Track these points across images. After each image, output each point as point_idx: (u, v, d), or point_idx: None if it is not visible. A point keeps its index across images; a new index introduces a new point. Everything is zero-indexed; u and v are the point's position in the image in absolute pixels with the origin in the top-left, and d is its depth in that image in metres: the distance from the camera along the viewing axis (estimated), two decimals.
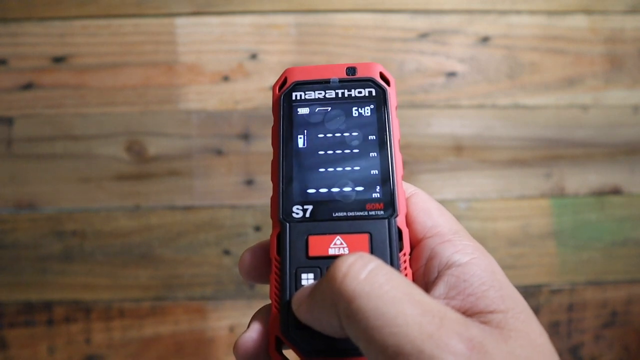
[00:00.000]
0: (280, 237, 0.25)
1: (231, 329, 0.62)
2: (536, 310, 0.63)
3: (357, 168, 0.26)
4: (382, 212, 0.25)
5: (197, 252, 0.63)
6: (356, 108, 0.28)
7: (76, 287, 0.62)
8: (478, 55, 0.67)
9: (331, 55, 0.66)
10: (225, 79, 0.66)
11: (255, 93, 0.66)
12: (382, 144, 0.27)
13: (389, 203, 0.25)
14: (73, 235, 0.63)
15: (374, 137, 0.27)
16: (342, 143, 0.27)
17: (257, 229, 0.63)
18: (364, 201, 0.25)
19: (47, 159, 0.64)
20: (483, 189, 0.65)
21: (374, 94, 0.28)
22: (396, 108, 0.27)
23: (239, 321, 0.62)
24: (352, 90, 0.28)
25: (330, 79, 0.28)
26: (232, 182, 0.64)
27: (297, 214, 0.25)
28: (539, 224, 0.65)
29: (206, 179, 0.64)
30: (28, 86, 0.65)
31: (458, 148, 0.66)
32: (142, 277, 0.62)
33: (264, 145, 0.66)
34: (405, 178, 0.65)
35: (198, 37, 0.66)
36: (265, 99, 0.66)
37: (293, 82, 0.28)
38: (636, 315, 0.64)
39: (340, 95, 0.28)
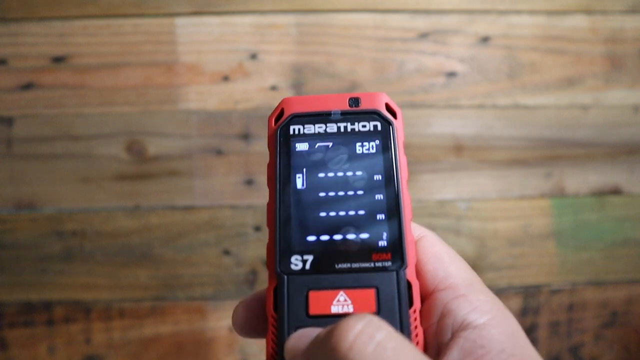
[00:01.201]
0: (277, 291, 0.23)
1: (231, 329, 0.62)
2: (536, 311, 0.63)
3: (361, 212, 0.24)
4: (389, 264, 0.23)
5: (197, 252, 0.63)
6: (360, 144, 0.25)
7: (76, 287, 0.62)
8: (478, 55, 0.67)
9: (331, 55, 0.66)
10: (225, 79, 0.66)
11: (256, 93, 0.66)
12: (388, 185, 0.24)
13: (397, 253, 0.23)
14: (73, 235, 0.63)
15: (380, 176, 0.25)
16: (345, 183, 0.25)
17: (257, 229, 0.63)
18: (369, 250, 0.23)
19: (47, 159, 0.64)
20: (483, 189, 0.65)
21: (379, 128, 0.26)
22: (403, 143, 0.25)
23: None
24: (356, 123, 0.26)
25: (331, 111, 0.26)
26: (232, 182, 0.64)
27: (296, 265, 0.23)
28: (539, 224, 0.65)
29: (206, 179, 0.64)
30: (28, 86, 0.65)
31: (458, 148, 0.66)
32: (142, 277, 0.62)
33: (264, 145, 0.66)
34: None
35: (198, 37, 0.66)
36: (265, 99, 0.66)
37: (291, 115, 0.26)
38: (636, 315, 0.64)
39: (342, 130, 0.26)
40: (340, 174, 0.25)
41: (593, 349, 0.64)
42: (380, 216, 0.24)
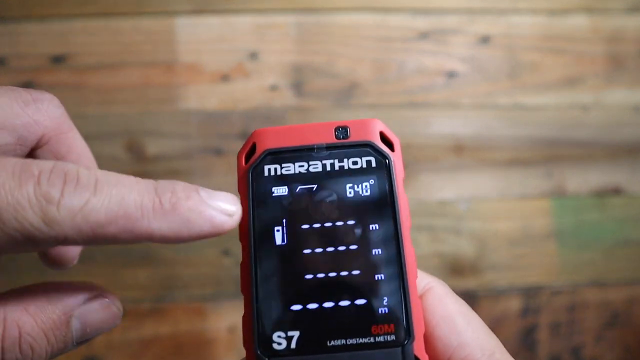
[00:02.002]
0: None
1: (230, 330, 0.62)
2: (537, 311, 0.63)
3: (356, 272, 0.20)
4: (393, 337, 0.19)
5: (196, 252, 0.63)
6: (351, 185, 0.21)
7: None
8: (478, 55, 0.67)
9: (331, 55, 0.66)
10: (225, 78, 0.66)
11: (255, 93, 0.66)
12: (387, 236, 0.20)
13: (402, 322, 0.19)
14: None
15: (377, 226, 0.20)
16: (335, 236, 0.20)
17: None
18: (368, 321, 0.19)
19: None
20: (483, 189, 0.65)
21: (373, 164, 0.21)
22: (403, 180, 0.21)
23: (238, 322, 0.62)
24: (345, 160, 0.21)
25: (314, 145, 0.21)
26: (232, 182, 0.64)
27: (280, 344, 0.19)
28: (540, 224, 0.65)
29: (206, 179, 0.64)
30: (27, 86, 0.65)
31: (458, 148, 0.66)
32: (142, 278, 0.62)
33: None
34: (405, 178, 0.65)
35: (198, 36, 0.66)
36: (265, 99, 0.66)
37: (265, 151, 0.21)
38: (637, 316, 0.64)
39: (329, 168, 0.21)
40: (328, 224, 0.21)
41: (594, 350, 0.64)
42: (379, 276, 0.20)
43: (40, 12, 0.66)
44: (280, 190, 0.21)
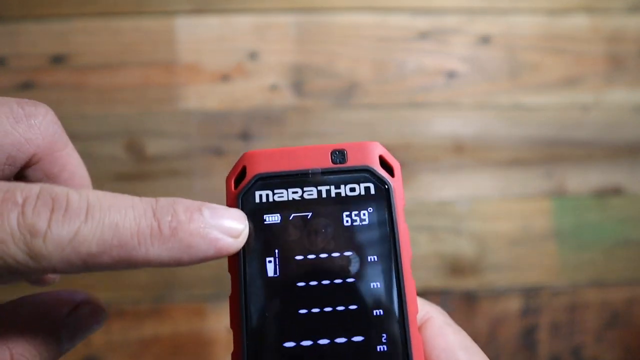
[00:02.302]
0: None
1: (230, 330, 0.62)
2: (537, 311, 0.63)
3: (353, 307, 0.19)
4: None
5: None
6: (348, 214, 0.20)
7: (75, 288, 0.62)
8: (479, 54, 0.67)
9: (331, 55, 0.66)
10: (225, 78, 0.66)
11: (255, 92, 0.65)
12: (387, 268, 0.19)
13: None
14: None
15: (376, 257, 0.19)
16: (331, 269, 0.19)
17: None
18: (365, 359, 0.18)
19: None
20: (483, 189, 0.65)
21: (372, 191, 0.20)
22: (403, 208, 0.20)
23: None
24: (342, 186, 0.20)
25: (309, 170, 0.20)
26: None
27: None
28: (540, 224, 0.65)
29: (206, 179, 0.64)
30: (27, 86, 0.65)
31: (458, 148, 0.66)
32: (142, 278, 0.62)
33: (264, 145, 0.65)
34: (405, 178, 0.65)
35: (198, 36, 0.66)
36: (265, 99, 0.66)
37: (255, 176, 0.20)
38: (638, 316, 0.64)
39: (324, 195, 0.20)
40: (323, 255, 0.19)
41: (594, 350, 0.63)
42: (378, 312, 0.19)
43: (40, 12, 0.65)
44: (273, 218, 0.20)
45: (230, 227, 0.18)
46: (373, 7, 0.67)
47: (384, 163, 0.20)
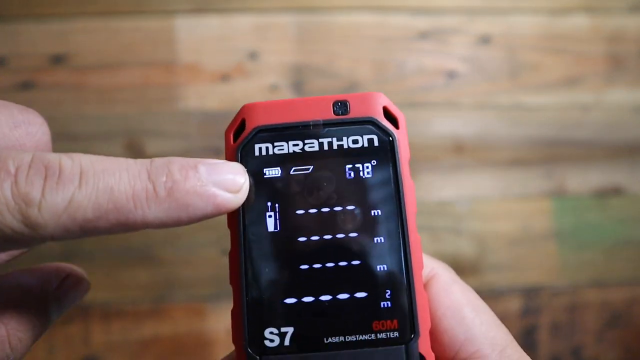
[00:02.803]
0: None
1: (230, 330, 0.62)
2: (537, 312, 0.63)
3: (356, 262, 0.18)
4: (396, 334, 0.17)
5: (196, 252, 0.63)
6: (351, 167, 0.19)
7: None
8: (479, 54, 0.67)
9: (331, 55, 0.66)
10: (225, 78, 0.66)
11: (255, 92, 0.65)
12: (391, 223, 0.18)
13: (406, 317, 0.17)
14: None
15: (379, 212, 0.18)
16: (333, 223, 0.18)
17: None
18: (369, 317, 0.18)
19: None
20: (483, 189, 0.65)
21: (376, 143, 0.19)
22: (409, 161, 0.20)
23: None
24: (344, 138, 0.19)
25: (310, 122, 0.19)
26: None
27: (272, 341, 0.18)
28: (540, 224, 0.65)
29: None
30: (27, 86, 0.65)
31: (458, 148, 0.66)
32: (142, 278, 0.62)
33: None
34: None
35: (197, 36, 0.66)
36: (265, 99, 0.65)
37: (255, 128, 0.19)
38: (638, 316, 0.64)
39: (326, 148, 0.19)
40: (325, 210, 0.19)
41: (594, 350, 0.63)
42: (382, 267, 0.18)
43: (40, 11, 0.65)
44: (273, 172, 0.19)
45: (228, 182, 0.18)
46: (373, 7, 0.67)
47: (388, 114, 0.20)
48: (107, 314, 0.62)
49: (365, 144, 0.19)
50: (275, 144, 0.19)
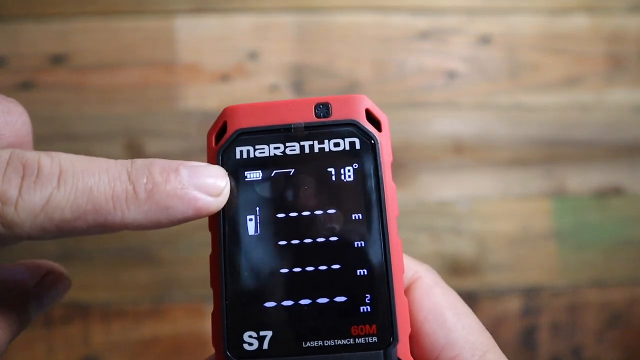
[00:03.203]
0: None
1: None
2: (537, 312, 0.63)
3: (336, 267, 0.18)
4: (374, 339, 0.17)
5: (196, 252, 0.63)
6: (332, 170, 0.19)
7: (74, 288, 0.61)
8: (479, 54, 0.67)
9: (331, 55, 0.66)
10: (225, 78, 0.66)
11: (255, 92, 0.65)
12: (372, 227, 0.18)
13: (386, 322, 0.18)
14: None
15: (360, 216, 0.18)
16: (313, 227, 0.18)
17: None
18: (348, 321, 0.18)
19: None
20: (483, 189, 0.65)
21: (358, 146, 0.19)
22: (391, 165, 0.19)
23: None
24: (326, 141, 0.19)
25: (291, 125, 0.19)
26: None
27: (250, 344, 0.18)
28: (540, 224, 0.65)
29: None
30: (27, 85, 0.65)
31: (458, 148, 0.66)
32: (141, 278, 0.62)
33: None
34: (406, 178, 0.65)
35: (197, 36, 0.66)
36: (265, 99, 0.65)
37: (236, 131, 0.19)
38: (638, 316, 0.64)
39: (307, 151, 0.19)
40: (306, 213, 0.19)
41: (594, 350, 0.63)
42: (362, 271, 0.18)
43: (40, 11, 0.65)
44: (254, 175, 0.19)
45: (209, 186, 0.18)
46: (373, 7, 0.67)
47: (370, 117, 0.20)
48: (107, 314, 0.62)
49: (347, 147, 0.19)
50: (257, 146, 0.19)
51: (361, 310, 0.18)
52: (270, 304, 0.18)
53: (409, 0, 0.67)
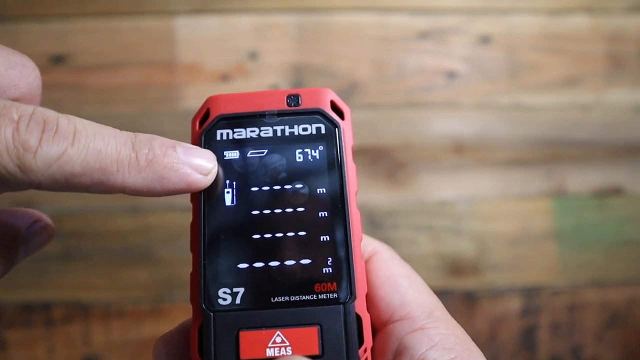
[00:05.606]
0: (202, 332, 0.19)
1: None
2: (537, 311, 0.63)
3: (302, 233, 0.21)
4: (335, 295, 0.20)
5: None
6: (300, 151, 0.22)
7: (75, 288, 0.62)
8: (479, 54, 0.67)
9: (331, 55, 0.66)
10: (225, 78, 0.66)
11: None
12: (334, 200, 0.21)
13: (345, 281, 0.20)
14: (72, 236, 0.63)
15: (324, 190, 0.21)
16: (283, 199, 0.21)
17: None
18: (311, 280, 0.20)
19: None
20: (483, 189, 0.65)
21: (323, 131, 0.22)
22: (352, 148, 0.22)
23: None
24: (295, 126, 0.22)
25: (266, 112, 0.22)
26: None
27: (225, 299, 0.20)
28: (540, 224, 0.65)
29: None
30: None
31: (458, 148, 0.66)
32: (141, 278, 0.62)
33: None
34: (405, 178, 0.65)
35: (197, 36, 0.66)
36: None
37: (217, 116, 0.22)
38: (638, 316, 0.64)
39: (279, 134, 0.22)
40: (276, 187, 0.21)
41: (594, 350, 0.63)
42: (325, 238, 0.20)
43: (40, 11, 0.65)
44: (232, 154, 0.22)
45: (200, 165, 0.20)
46: (373, 7, 0.67)
47: (334, 107, 0.22)
48: (107, 314, 0.62)
49: (314, 132, 0.22)
50: (235, 130, 0.22)
51: (323, 271, 0.20)
52: (243, 265, 0.20)
53: (409, 1, 0.67)
